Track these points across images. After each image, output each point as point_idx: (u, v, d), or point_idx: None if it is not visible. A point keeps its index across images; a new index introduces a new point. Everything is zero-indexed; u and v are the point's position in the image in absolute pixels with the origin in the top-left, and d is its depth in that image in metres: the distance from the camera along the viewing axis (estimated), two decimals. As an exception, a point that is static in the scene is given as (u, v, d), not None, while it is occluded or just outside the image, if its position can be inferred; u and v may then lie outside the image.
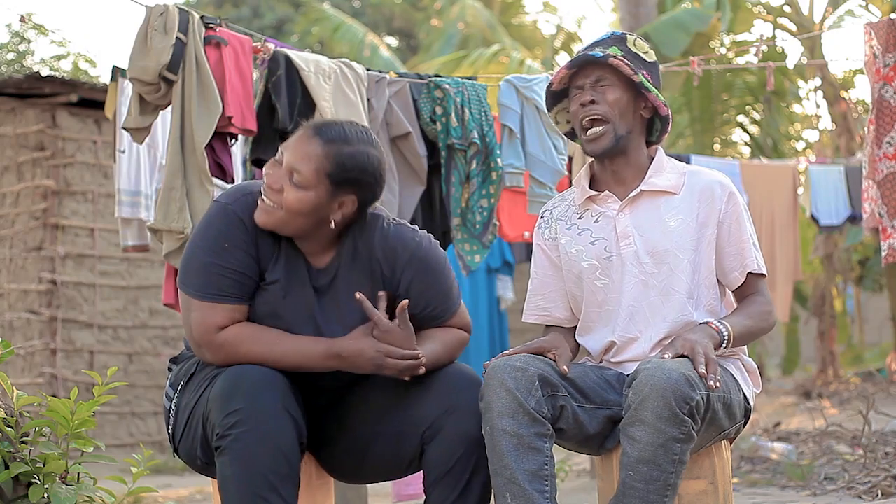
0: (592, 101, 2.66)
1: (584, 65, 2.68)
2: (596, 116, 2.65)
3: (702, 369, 2.38)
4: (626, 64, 2.63)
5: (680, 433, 2.33)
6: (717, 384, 2.39)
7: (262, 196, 2.45)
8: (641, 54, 2.72)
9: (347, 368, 2.47)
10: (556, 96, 2.78)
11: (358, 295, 2.45)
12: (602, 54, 2.65)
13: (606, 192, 2.72)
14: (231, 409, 2.31)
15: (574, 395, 2.51)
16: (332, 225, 2.46)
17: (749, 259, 2.67)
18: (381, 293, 2.50)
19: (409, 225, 2.60)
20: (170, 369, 2.65)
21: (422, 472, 2.53)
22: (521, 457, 2.39)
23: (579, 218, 2.75)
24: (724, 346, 2.53)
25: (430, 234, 2.61)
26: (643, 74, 2.67)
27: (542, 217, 2.84)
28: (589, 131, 2.67)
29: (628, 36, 2.74)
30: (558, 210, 2.81)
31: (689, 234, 2.65)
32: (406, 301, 2.46)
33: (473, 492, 2.46)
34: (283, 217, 2.43)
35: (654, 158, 2.74)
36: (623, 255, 2.66)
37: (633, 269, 2.64)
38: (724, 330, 2.53)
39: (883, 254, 4.29)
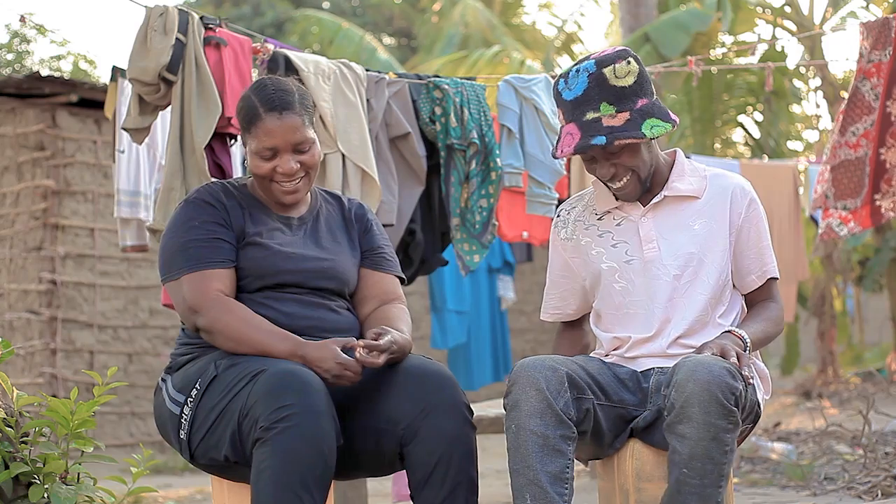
0: (614, 174, 2.61)
1: (590, 150, 2.59)
2: (620, 180, 2.61)
3: (734, 359, 2.42)
4: (629, 136, 2.53)
5: (729, 423, 2.35)
6: (751, 379, 2.44)
7: (284, 183, 2.64)
8: (626, 83, 2.57)
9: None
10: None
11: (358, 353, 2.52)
12: (604, 139, 2.53)
13: None
14: (282, 404, 2.33)
15: (597, 393, 2.53)
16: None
17: (770, 265, 2.71)
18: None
19: None
20: (163, 380, 2.65)
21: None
22: (545, 458, 2.39)
23: (599, 219, 2.75)
24: (745, 353, 2.55)
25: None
26: (642, 108, 2.56)
27: (558, 216, 2.84)
28: (614, 186, 2.64)
29: (604, 69, 2.57)
30: (576, 211, 2.81)
31: (714, 238, 2.66)
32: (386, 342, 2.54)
33: (460, 491, 2.47)
34: (312, 179, 2.70)
35: (674, 162, 2.74)
36: (646, 259, 2.66)
37: (656, 273, 2.65)
38: (746, 337, 2.56)
39: (820, 231, 4.64)
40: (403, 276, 2.86)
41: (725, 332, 2.57)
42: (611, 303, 2.71)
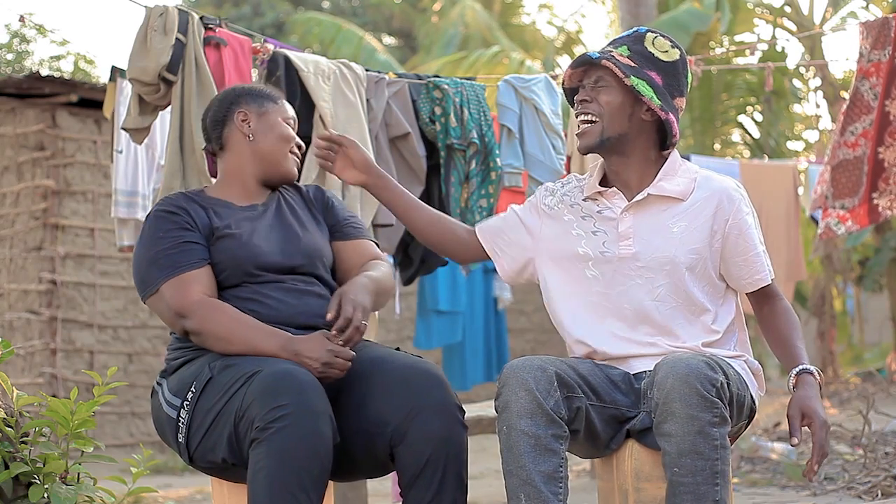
0: (585, 101, 2.66)
1: (582, 65, 2.69)
2: (587, 113, 2.66)
3: (817, 466, 2.45)
4: (618, 66, 2.60)
5: (713, 416, 2.33)
6: (812, 476, 2.47)
7: (294, 156, 2.82)
8: (658, 54, 2.66)
9: (299, 363, 2.50)
10: (573, 93, 2.76)
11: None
12: (598, 55, 2.63)
13: (615, 189, 2.70)
14: (278, 404, 2.33)
15: (588, 393, 2.51)
16: None
17: (762, 273, 2.66)
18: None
19: None
20: (159, 383, 2.65)
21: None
22: (538, 458, 2.37)
23: (584, 200, 2.73)
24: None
25: None
26: (650, 76, 2.62)
27: (548, 186, 2.83)
28: (579, 126, 2.69)
29: (649, 34, 2.69)
30: (568, 186, 2.79)
31: (691, 243, 2.61)
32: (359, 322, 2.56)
33: (448, 491, 2.46)
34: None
35: (666, 160, 2.70)
36: (621, 256, 2.64)
37: (629, 272, 2.62)
38: (816, 371, 2.55)
39: (819, 231, 4.72)
40: (376, 241, 2.92)
41: (806, 373, 2.53)
42: (581, 290, 2.66)
